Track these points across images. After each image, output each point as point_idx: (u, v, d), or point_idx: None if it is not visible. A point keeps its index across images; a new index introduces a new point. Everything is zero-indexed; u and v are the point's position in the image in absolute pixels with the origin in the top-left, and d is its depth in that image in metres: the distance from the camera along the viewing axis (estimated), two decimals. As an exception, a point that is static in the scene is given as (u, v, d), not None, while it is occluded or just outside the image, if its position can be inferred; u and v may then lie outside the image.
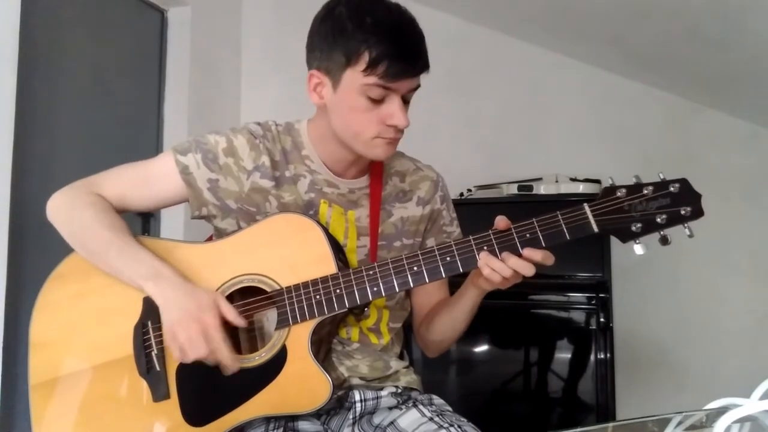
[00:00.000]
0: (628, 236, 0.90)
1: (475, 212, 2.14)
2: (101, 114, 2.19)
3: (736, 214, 2.28)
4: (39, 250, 1.80)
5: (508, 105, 2.61)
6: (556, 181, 2.21)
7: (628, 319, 2.31)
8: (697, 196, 0.88)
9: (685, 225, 0.89)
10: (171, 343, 0.94)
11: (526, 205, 2.17)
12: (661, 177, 0.90)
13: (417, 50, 0.97)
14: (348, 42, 0.95)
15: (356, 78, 0.95)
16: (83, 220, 1.03)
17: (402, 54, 0.94)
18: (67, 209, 1.06)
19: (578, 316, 1.97)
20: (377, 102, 0.97)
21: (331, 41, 0.97)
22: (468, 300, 1.05)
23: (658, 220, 0.88)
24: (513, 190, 2.22)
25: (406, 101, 1.00)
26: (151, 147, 2.43)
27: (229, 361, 0.93)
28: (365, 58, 0.94)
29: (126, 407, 1.00)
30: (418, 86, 1.01)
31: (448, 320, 1.11)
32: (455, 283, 1.10)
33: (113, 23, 2.25)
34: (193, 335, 0.91)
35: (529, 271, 0.92)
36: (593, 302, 1.92)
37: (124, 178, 1.09)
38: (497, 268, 0.92)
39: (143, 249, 1.00)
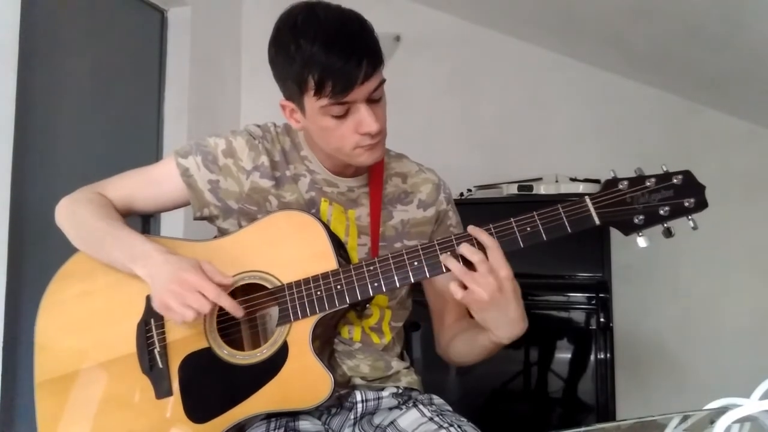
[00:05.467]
0: (630, 229, 0.89)
1: (475, 212, 2.14)
2: (101, 114, 2.18)
3: (735, 214, 2.28)
4: (39, 250, 1.80)
5: (508, 105, 2.61)
6: (556, 181, 2.21)
7: (628, 319, 2.31)
8: (700, 188, 0.88)
9: (689, 217, 0.88)
10: (167, 313, 0.95)
11: (526, 205, 2.14)
12: (664, 169, 0.89)
13: (358, 56, 0.91)
14: (293, 70, 0.94)
15: (313, 103, 0.95)
16: (82, 216, 1.05)
17: (343, 67, 0.90)
18: (69, 210, 1.09)
19: (578, 316, 1.97)
20: (343, 116, 0.96)
21: (283, 72, 0.97)
22: (482, 340, 1.00)
23: (661, 212, 0.87)
24: (513, 190, 2.22)
25: (375, 100, 0.98)
26: (151, 147, 2.43)
27: (230, 305, 0.93)
28: (311, 83, 0.92)
29: (129, 404, 1.01)
30: (382, 81, 0.97)
31: (467, 350, 1.08)
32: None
33: (113, 23, 2.25)
34: (183, 293, 0.91)
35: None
36: (593, 302, 1.92)
37: (128, 182, 1.12)
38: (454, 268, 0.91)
39: (135, 235, 1.02)
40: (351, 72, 0.91)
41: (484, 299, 0.89)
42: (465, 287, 0.90)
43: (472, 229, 0.92)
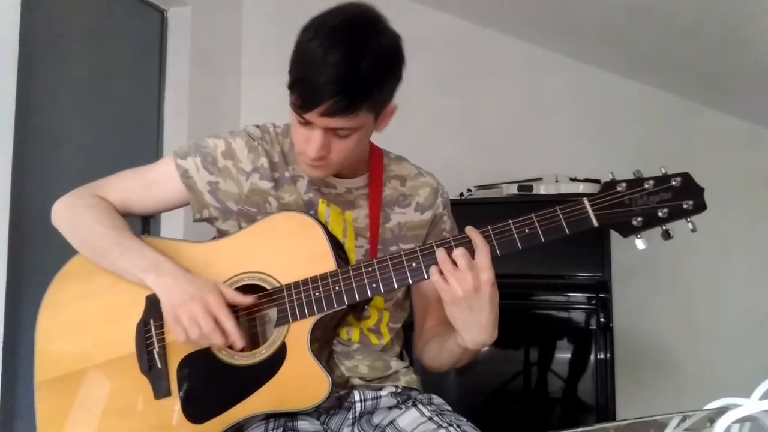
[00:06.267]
0: (628, 231, 0.89)
1: (475, 212, 2.14)
2: (101, 114, 2.19)
3: (736, 214, 2.28)
4: (39, 251, 1.80)
5: (508, 105, 2.61)
6: (556, 181, 2.21)
7: (628, 319, 2.31)
8: (699, 190, 0.88)
9: (688, 219, 0.88)
10: (174, 326, 0.95)
11: (526, 205, 2.14)
12: (663, 171, 0.89)
13: (335, 90, 0.87)
14: (293, 56, 0.93)
15: (289, 95, 0.94)
16: (85, 221, 1.05)
17: (311, 90, 0.88)
18: (69, 212, 1.08)
19: (578, 316, 1.97)
20: (303, 123, 0.95)
21: (292, 53, 0.94)
22: (450, 343, 1.00)
23: (660, 214, 0.87)
24: (513, 190, 2.22)
25: (336, 134, 0.95)
26: (151, 147, 2.43)
27: (236, 335, 0.94)
28: (291, 77, 0.92)
29: (128, 404, 1.01)
30: (354, 127, 0.94)
31: (436, 352, 1.08)
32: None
33: (113, 23, 2.25)
34: (196, 313, 0.92)
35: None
36: (593, 302, 1.92)
37: (126, 183, 1.12)
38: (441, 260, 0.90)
39: (144, 245, 1.02)
40: (316, 98, 0.89)
41: (458, 295, 0.89)
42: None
43: (469, 230, 0.92)
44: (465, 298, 0.89)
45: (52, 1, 1.98)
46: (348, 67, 0.88)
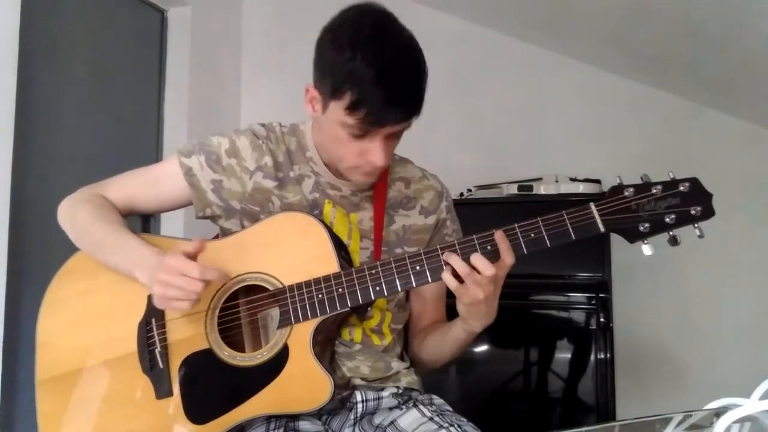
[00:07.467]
0: (635, 236, 0.88)
1: (475, 212, 2.14)
2: (101, 114, 2.19)
3: (736, 214, 2.28)
4: (39, 250, 1.80)
5: (508, 105, 2.61)
6: (556, 181, 2.21)
7: (628, 319, 2.31)
8: (707, 196, 0.87)
9: (695, 225, 0.87)
10: (165, 304, 0.93)
11: (526, 205, 2.16)
12: (671, 176, 0.88)
13: (402, 105, 0.92)
14: (337, 74, 0.91)
15: (339, 112, 0.93)
16: (82, 217, 1.06)
17: (385, 103, 0.90)
18: (70, 210, 1.09)
19: (578, 316, 1.97)
20: (358, 137, 0.95)
21: (326, 65, 0.94)
22: (455, 332, 1.05)
23: (667, 220, 0.87)
24: (513, 190, 2.22)
25: (394, 135, 0.98)
26: (151, 147, 2.43)
27: (217, 275, 0.92)
28: (347, 98, 0.91)
29: (129, 404, 1.01)
30: (408, 125, 0.98)
31: (438, 343, 1.11)
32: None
33: (113, 23, 2.25)
34: (170, 279, 0.89)
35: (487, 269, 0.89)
36: (593, 302, 1.91)
37: (131, 181, 1.12)
38: (457, 266, 0.91)
39: (134, 239, 1.01)
40: (387, 114, 0.91)
41: (479, 298, 0.91)
42: (461, 281, 0.91)
43: (499, 236, 0.91)
44: (485, 299, 0.92)
45: (52, 1, 1.98)
46: (405, 77, 0.92)
